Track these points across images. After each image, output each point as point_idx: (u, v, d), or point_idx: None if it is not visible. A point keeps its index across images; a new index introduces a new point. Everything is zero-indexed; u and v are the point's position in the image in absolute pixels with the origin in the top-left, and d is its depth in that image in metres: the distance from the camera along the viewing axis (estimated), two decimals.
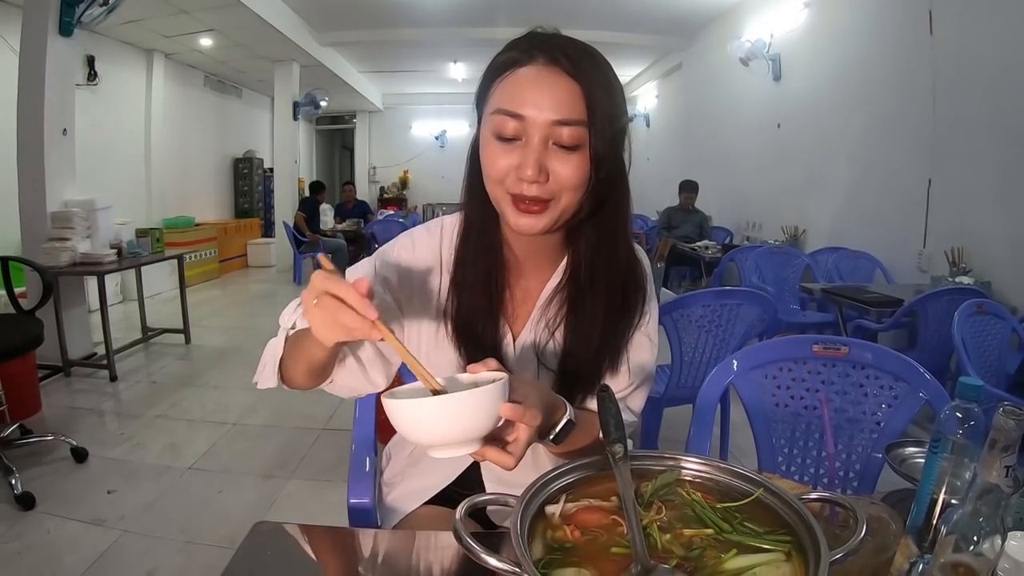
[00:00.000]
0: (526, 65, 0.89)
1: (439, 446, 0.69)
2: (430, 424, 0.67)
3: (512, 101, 0.87)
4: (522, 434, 0.74)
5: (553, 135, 0.87)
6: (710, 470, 0.73)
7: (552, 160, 0.87)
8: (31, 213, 4.19)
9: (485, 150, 0.92)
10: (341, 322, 0.70)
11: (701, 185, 6.88)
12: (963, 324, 2.35)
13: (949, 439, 0.77)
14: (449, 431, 0.68)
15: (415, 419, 0.68)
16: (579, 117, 0.86)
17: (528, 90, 0.87)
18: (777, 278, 4.64)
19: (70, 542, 2.27)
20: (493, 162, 0.90)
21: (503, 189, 0.90)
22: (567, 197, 0.90)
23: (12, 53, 4.41)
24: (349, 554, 0.84)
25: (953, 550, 0.63)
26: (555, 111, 0.86)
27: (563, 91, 0.87)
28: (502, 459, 0.73)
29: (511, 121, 0.87)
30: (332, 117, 13.59)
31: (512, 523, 0.61)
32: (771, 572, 0.58)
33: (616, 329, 1.03)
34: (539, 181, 0.87)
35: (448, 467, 1.11)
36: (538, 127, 0.86)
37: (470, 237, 1.02)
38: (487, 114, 0.92)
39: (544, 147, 0.87)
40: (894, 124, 4.41)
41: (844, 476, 1.38)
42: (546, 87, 0.87)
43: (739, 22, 6.68)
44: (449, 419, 0.67)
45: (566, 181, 0.88)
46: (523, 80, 0.88)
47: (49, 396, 3.68)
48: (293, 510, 2.50)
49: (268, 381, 0.99)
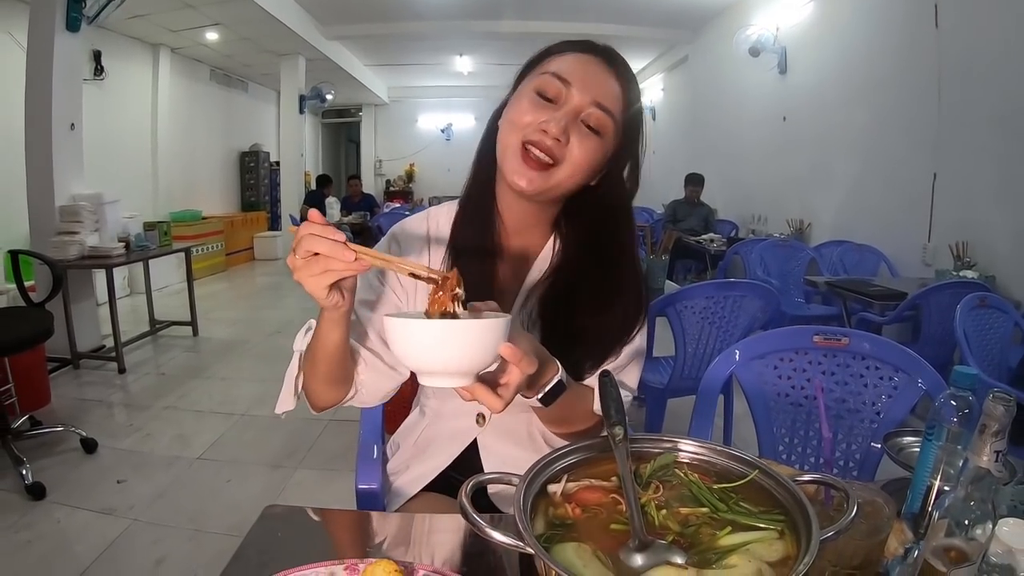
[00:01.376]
0: (586, 53, 0.98)
1: (433, 373, 0.68)
2: (429, 347, 0.66)
3: (565, 70, 0.95)
4: (514, 379, 0.75)
5: (584, 113, 0.94)
6: (707, 453, 0.75)
7: (574, 132, 0.94)
8: (39, 207, 4.23)
9: (518, 102, 0.97)
10: (324, 267, 0.73)
11: (707, 178, 6.89)
12: (965, 318, 2.35)
13: (944, 427, 0.78)
14: (447, 358, 0.67)
15: (415, 340, 0.67)
16: (613, 108, 0.95)
17: (583, 69, 0.96)
18: (782, 271, 4.64)
19: (80, 531, 2.31)
20: (522, 112, 0.95)
21: (519, 137, 0.94)
22: (568, 171, 0.95)
23: (20, 49, 4.43)
24: (358, 535, 0.86)
25: (945, 534, 0.65)
26: (598, 94, 0.94)
27: (610, 84, 0.96)
28: (491, 400, 0.74)
29: (558, 84, 0.94)
30: (338, 110, 13.60)
31: (515, 500, 0.63)
32: (764, 549, 0.60)
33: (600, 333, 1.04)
34: (559, 139, 0.92)
35: (449, 448, 1.13)
36: (577, 100, 0.93)
37: (471, 200, 1.08)
38: (534, 74, 0.98)
39: (574, 118, 0.94)
40: (899, 118, 4.40)
41: (844, 465, 1.39)
42: (596, 72, 0.96)
43: (745, 15, 6.66)
44: (449, 345, 0.66)
45: (577, 156, 0.94)
46: (581, 61, 0.97)
47: (58, 388, 3.72)
48: (301, 498, 2.52)
49: (285, 404, 1.02)
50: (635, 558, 0.59)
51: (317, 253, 0.72)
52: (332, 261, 0.72)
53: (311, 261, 0.73)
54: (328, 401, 1.02)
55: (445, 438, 1.15)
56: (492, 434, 1.12)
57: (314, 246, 0.72)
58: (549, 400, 0.85)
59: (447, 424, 1.15)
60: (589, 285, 1.02)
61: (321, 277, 0.74)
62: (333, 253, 0.72)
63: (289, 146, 9.20)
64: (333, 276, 0.75)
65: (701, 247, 6.13)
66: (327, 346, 0.89)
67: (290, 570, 0.70)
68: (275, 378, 0.99)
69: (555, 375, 0.85)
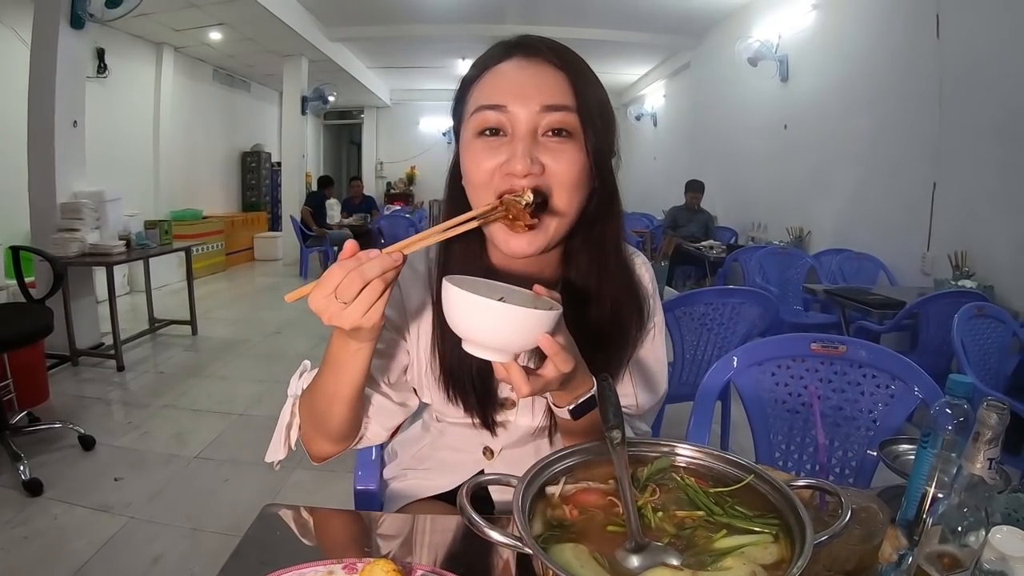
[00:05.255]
0: (503, 62, 0.84)
1: (474, 343, 0.70)
2: (479, 320, 0.68)
3: (493, 94, 0.81)
4: (548, 373, 0.72)
5: (541, 126, 0.80)
6: (704, 457, 0.76)
7: (543, 153, 0.80)
8: (41, 204, 4.24)
9: (466, 155, 0.84)
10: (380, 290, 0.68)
11: (707, 185, 6.90)
12: (963, 327, 2.36)
13: (939, 435, 0.79)
14: (492, 335, 0.69)
15: (467, 312, 0.68)
16: (568, 103, 0.80)
17: (510, 81, 0.82)
18: (781, 279, 4.65)
19: (77, 528, 2.31)
20: (476, 165, 0.82)
21: (489, 193, 0.81)
22: (563, 198, 0.82)
23: (24, 45, 4.45)
24: (356, 534, 0.87)
25: (939, 541, 0.65)
26: (542, 97, 0.79)
27: (548, 77, 0.81)
28: (520, 382, 0.71)
29: (494, 114, 0.80)
30: (340, 112, 13.61)
31: (514, 500, 0.63)
32: (759, 552, 0.61)
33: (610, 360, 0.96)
34: (532, 172, 0.78)
35: (452, 476, 1.08)
36: (524, 118, 0.79)
37: (451, 259, 0.93)
38: (467, 117, 0.84)
39: (533, 139, 0.80)
40: (900, 127, 4.42)
41: (840, 472, 1.40)
42: (529, 74, 0.82)
43: (747, 22, 6.69)
44: (497, 324, 0.68)
45: (562, 176, 0.80)
46: (503, 72, 0.83)
47: (57, 385, 3.72)
48: (298, 499, 2.52)
49: (276, 453, 0.95)
50: (631, 559, 0.60)
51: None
52: (387, 275, 0.67)
53: (366, 295, 0.67)
54: (329, 449, 0.94)
55: (449, 465, 1.09)
56: (500, 466, 1.04)
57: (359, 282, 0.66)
58: (579, 413, 0.82)
59: (452, 454, 1.09)
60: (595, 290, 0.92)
61: (380, 303, 0.68)
62: (385, 268, 0.66)
63: (291, 147, 9.21)
64: (387, 293, 0.69)
65: (701, 254, 6.14)
66: (351, 381, 0.81)
67: (288, 569, 0.70)
68: (273, 378, 0.99)
69: (590, 389, 0.81)
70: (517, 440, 1.03)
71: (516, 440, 1.03)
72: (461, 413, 0.97)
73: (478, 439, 1.05)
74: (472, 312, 0.68)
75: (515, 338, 0.69)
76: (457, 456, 1.08)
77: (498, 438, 1.02)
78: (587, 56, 0.90)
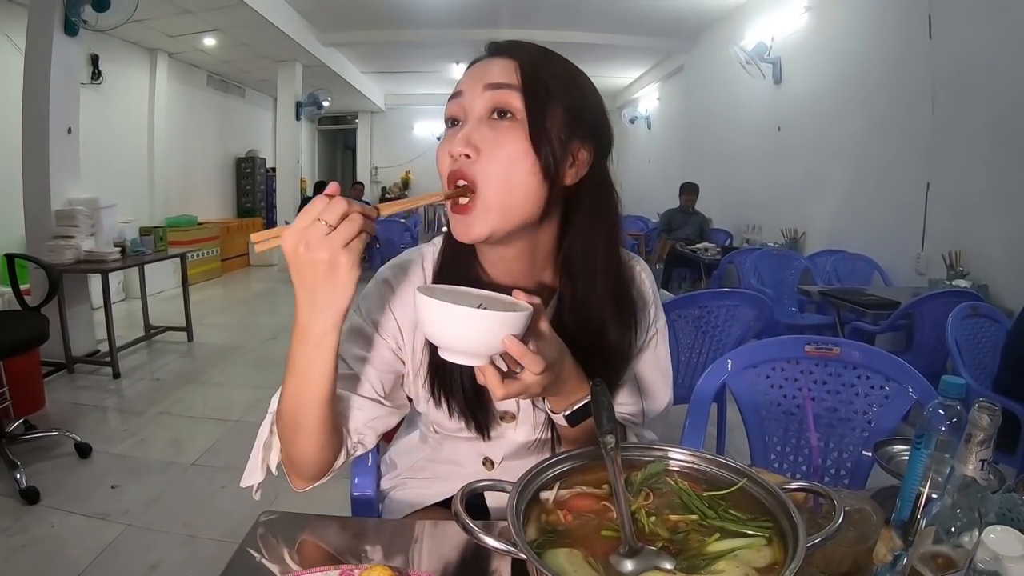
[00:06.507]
0: (473, 64, 0.90)
1: (448, 350, 0.72)
2: (443, 326, 0.70)
3: (456, 87, 0.87)
4: (526, 377, 0.73)
5: (486, 107, 0.83)
6: (697, 461, 0.76)
7: (485, 130, 0.82)
8: (36, 211, 4.24)
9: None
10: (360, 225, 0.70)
11: (701, 187, 6.92)
12: (957, 327, 2.37)
13: (933, 436, 0.79)
14: (456, 339, 0.71)
15: (432, 318, 0.70)
16: (510, 81, 0.83)
17: (471, 72, 0.87)
18: (776, 280, 4.66)
19: (74, 536, 2.30)
20: (438, 153, 0.86)
21: (444, 178, 0.85)
22: (497, 183, 0.81)
23: (17, 52, 4.45)
24: (353, 541, 0.87)
25: (933, 541, 0.66)
26: (486, 78, 0.84)
27: (496, 64, 0.85)
28: (494, 384, 0.73)
29: (453, 103, 0.86)
30: (334, 117, 13.61)
31: (508, 506, 0.64)
32: (752, 555, 0.61)
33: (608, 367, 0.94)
34: (461, 154, 0.81)
35: (451, 486, 1.00)
36: (469, 100, 0.84)
37: (443, 270, 0.96)
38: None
39: (478, 121, 0.83)
40: (893, 128, 4.44)
41: (836, 473, 1.41)
42: (481, 65, 0.87)
43: (740, 25, 6.72)
44: (460, 328, 0.69)
45: (495, 154, 0.81)
46: (469, 71, 0.88)
47: (53, 392, 3.71)
48: (295, 506, 2.50)
49: (252, 476, 0.93)
50: (625, 564, 0.60)
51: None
52: (367, 209, 0.71)
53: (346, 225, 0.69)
54: (319, 465, 0.91)
55: (448, 478, 1.08)
56: (501, 477, 0.97)
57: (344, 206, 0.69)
58: (575, 419, 0.83)
59: (451, 467, 1.08)
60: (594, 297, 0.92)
61: (358, 242, 0.70)
62: (364, 208, 0.70)
63: (285, 152, 9.20)
64: (363, 238, 0.71)
65: (695, 256, 6.14)
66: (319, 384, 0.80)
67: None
68: (269, 384, 0.98)
69: (586, 395, 0.81)
70: (517, 451, 1.03)
71: (516, 451, 1.03)
72: (457, 425, 0.97)
73: (476, 450, 1.05)
74: (437, 317, 0.70)
75: (479, 341, 0.70)
76: (456, 468, 1.07)
77: (499, 449, 1.03)
78: (581, 60, 0.90)
